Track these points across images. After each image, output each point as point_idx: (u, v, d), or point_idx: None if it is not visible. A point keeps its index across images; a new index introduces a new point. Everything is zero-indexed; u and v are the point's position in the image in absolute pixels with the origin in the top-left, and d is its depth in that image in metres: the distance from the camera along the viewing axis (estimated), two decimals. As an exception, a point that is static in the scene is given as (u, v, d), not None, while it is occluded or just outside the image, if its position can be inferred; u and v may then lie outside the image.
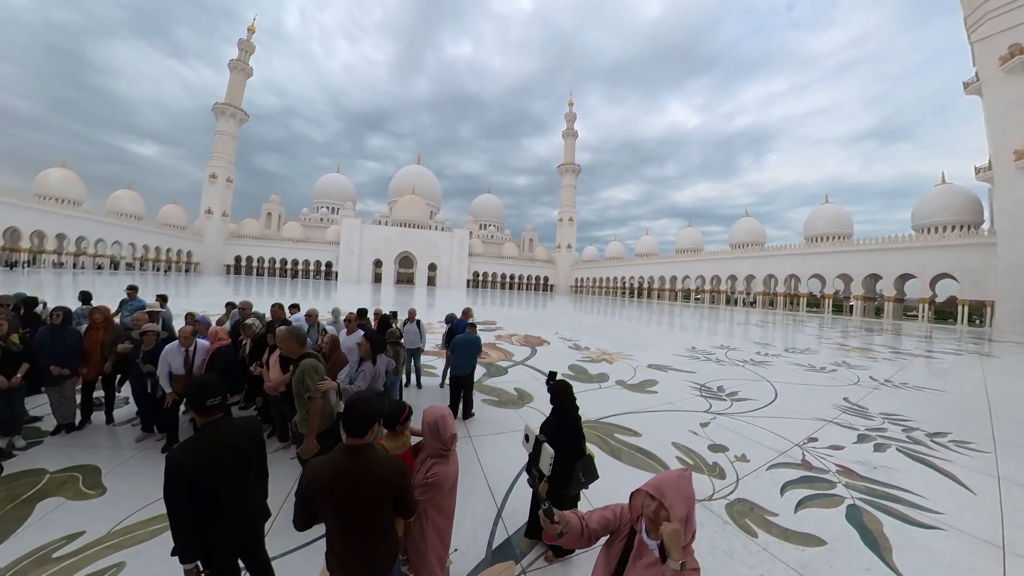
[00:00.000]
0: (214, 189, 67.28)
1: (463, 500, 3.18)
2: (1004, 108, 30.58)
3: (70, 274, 39.26)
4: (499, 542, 2.88)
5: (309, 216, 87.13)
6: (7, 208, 41.14)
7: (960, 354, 15.39)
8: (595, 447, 4.37)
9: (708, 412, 5.95)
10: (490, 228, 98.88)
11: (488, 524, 3.07)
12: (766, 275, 48.92)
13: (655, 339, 15.36)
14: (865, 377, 9.43)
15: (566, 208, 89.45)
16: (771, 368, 9.86)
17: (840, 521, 3.17)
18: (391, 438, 2.36)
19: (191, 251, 64.79)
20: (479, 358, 5.99)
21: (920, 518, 3.28)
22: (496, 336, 13.06)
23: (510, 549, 2.80)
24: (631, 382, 7.68)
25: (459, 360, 5.36)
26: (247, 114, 72.72)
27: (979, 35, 32.29)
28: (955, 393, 8.38)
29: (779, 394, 7.29)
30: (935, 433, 5.54)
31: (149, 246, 57.47)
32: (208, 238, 66.77)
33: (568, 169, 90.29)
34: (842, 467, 4.20)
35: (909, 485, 3.87)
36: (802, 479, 3.87)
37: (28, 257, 43.65)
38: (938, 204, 40.61)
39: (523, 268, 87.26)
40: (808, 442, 4.91)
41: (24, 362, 4.19)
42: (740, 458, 4.29)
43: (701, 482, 3.70)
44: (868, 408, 6.67)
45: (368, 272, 71.32)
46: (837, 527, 3.08)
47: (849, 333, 21.98)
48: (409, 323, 6.65)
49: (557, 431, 2.70)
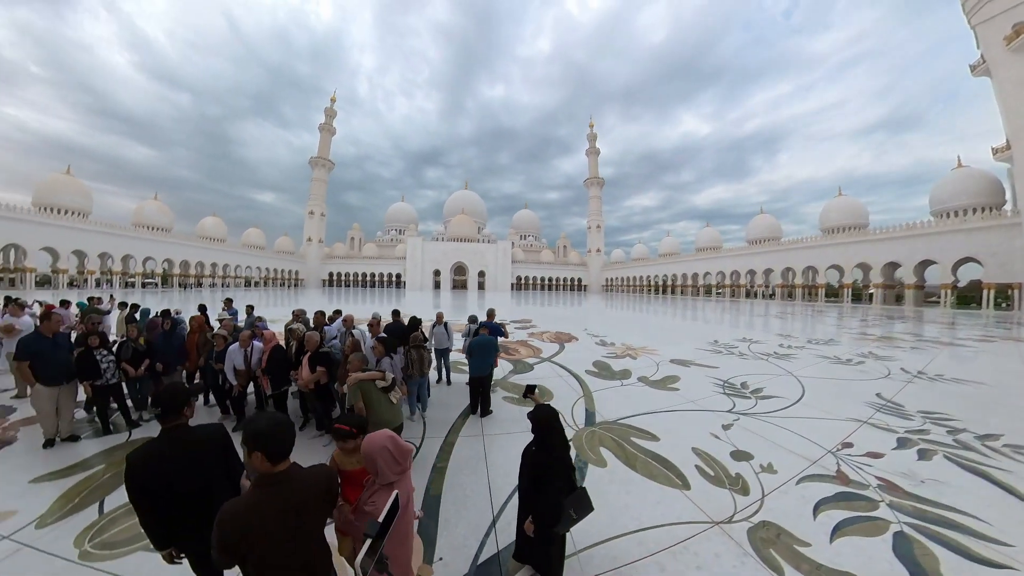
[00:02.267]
0: (312, 222, 73.85)
1: (460, 503, 2.97)
2: (1015, 87, 26.59)
3: (220, 291, 44.39)
4: (487, 556, 2.39)
5: (382, 238, 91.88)
6: (184, 248, 51.69)
7: (992, 340, 12.58)
8: (609, 453, 3.82)
9: (731, 412, 5.09)
10: (529, 238, 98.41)
11: (480, 535, 2.59)
12: (784, 268, 44.04)
13: (679, 333, 14.08)
14: (896, 369, 7.84)
15: (594, 217, 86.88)
16: (795, 361, 8.53)
17: (886, 554, 2.38)
18: (345, 454, 2.03)
19: (297, 270, 71.57)
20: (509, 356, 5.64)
21: (985, 552, 2.41)
22: (529, 333, 12.61)
23: (496, 567, 2.31)
24: (653, 378, 6.90)
25: (477, 361, 5.02)
26: (333, 163, 79.79)
27: (979, 18, 28.34)
28: (998, 386, 6.69)
29: (806, 390, 6.18)
30: (986, 435, 4.33)
31: (270, 268, 65.25)
32: (309, 260, 73.19)
33: (593, 183, 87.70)
34: (883, 480, 3.30)
35: (965, 505, 2.93)
36: (838, 496, 3.04)
37: (193, 280, 53.46)
38: (956, 188, 34.77)
39: (559, 271, 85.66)
40: (842, 448, 3.98)
41: (146, 358, 4.80)
42: (766, 468, 3.50)
43: (722, 499, 3.03)
44: (904, 405, 5.43)
45: (429, 280, 73.97)
46: (883, 563, 2.31)
47: (870, 322, 18.91)
48: (437, 326, 6.37)
49: (541, 463, 2.12)
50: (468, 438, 4.27)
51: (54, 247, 36.70)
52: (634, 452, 3.85)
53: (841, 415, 4.99)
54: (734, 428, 4.51)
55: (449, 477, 3.39)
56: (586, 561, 2.36)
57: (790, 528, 2.64)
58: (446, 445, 4.08)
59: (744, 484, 3.24)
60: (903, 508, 2.90)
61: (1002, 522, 2.73)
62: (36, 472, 3.37)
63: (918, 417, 4.94)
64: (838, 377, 7.13)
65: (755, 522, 2.71)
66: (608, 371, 7.46)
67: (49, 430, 3.92)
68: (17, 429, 4.33)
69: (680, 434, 4.30)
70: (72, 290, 36.48)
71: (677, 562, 2.34)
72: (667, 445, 4.00)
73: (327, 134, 78.15)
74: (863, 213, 45.16)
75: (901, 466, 3.59)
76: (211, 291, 44.90)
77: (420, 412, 4.97)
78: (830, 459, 3.73)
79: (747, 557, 2.37)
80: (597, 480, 3.33)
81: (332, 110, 79.36)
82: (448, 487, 3.22)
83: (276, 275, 66.56)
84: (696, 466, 3.55)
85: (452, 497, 3.07)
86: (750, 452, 3.84)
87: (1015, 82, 26.75)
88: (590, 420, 4.77)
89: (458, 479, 3.36)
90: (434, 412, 5.09)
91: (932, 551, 2.43)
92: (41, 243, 35.68)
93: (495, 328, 6.08)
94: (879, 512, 2.84)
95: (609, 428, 4.46)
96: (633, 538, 2.57)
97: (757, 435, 4.30)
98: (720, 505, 2.93)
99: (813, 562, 2.32)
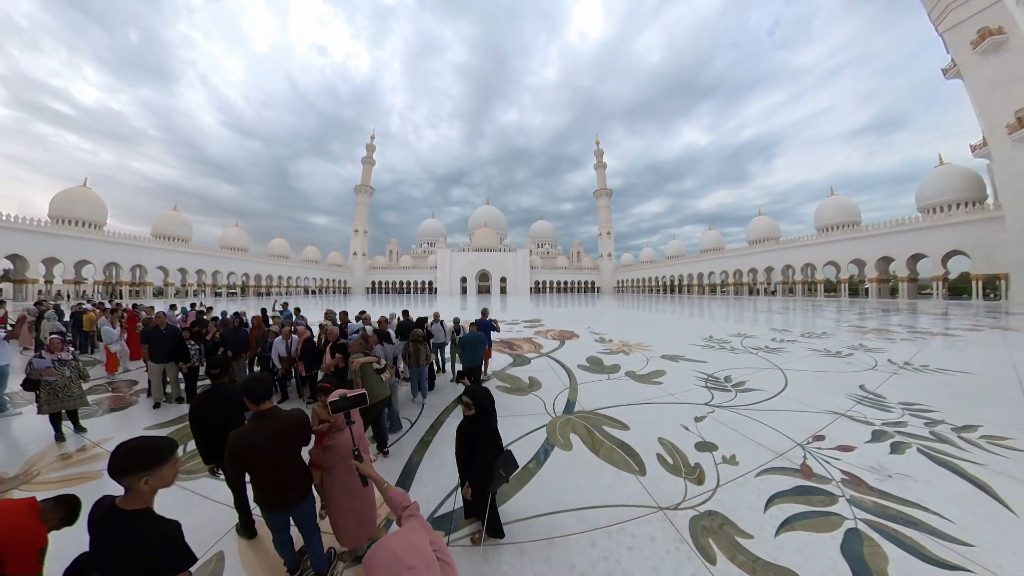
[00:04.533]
0: (357, 239, 77.52)
1: (434, 470, 3.12)
2: (986, 87, 25.57)
3: (285, 298, 47.46)
4: (443, 512, 2.53)
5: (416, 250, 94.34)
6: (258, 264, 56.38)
7: (980, 329, 11.27)
8: (578, 439, 3.66)
9: (708, 405, 4.74)
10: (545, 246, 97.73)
11: (443, 495, 2.73)
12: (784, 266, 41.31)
13: (677, 330, 13.39)
14: (883, 360, 7.07)
15: (604, 224, 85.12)
16: (785, 355, 7.87)
17: (832, 552, 2.11)
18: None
19: (345, 280, 75.25)
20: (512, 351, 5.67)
21: (941, 552, 2.08)
22: (535, 331, 12.45)
23: (448, 521, 2.44)
24: (640, 372, 6.58)
25: (469, 354, 5.05)
26: (373, 189, 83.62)
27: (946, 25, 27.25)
28: (982, 375, 5.92)
29: (789, 383, 5.68)
30: (964, 427, 3.81)
31: (324, 278, 69.23)
32: (355, 271, 76.60)
33: (602, 194, 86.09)
34: (849, 475, 2.95)
35: (931, 501, 2.55)
36: (796, 490, 2.73)
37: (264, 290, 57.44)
38: (940, 184, 32.53)
39: (573, 275, 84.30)
40: (813, 441, 3.60)
41: (220, 347, 5.42)
42: (728, 460, 3.22)
43: (674, 487, 2.82)
44: (886, 397, 4.87)
45: (457, 286, 75.21)
46: (826, 561, 2.04)
47: (865, 315, 17.26)
48: (435, 323, 6.46)
49: (474, 434, 2.20)
50: (456, 418, 4.31)
51: (165, 266, 42.67)
52: (601, 439, 3.67)
53: (820, 408, 4.53)
54: (706, 420, 4.20)
55: (431, 448, 3.57)
56: (522, 529, 2.31)
57: (736, 519, 2.40)
58: (436, 423, 4.22)
59: (701, 474, 3.00)
60: (863, 504, 2.57)
61: (966, 520, 2.36)
62: (148, 423, 4.42)
63: (898, 409, 4.41)
64: (824, 370, 6.51)
65: (702, 511, 2.49)
66: (599, 366, 7.20)
67: (157, 396, 5.08)
68: (138, 396, 5.49)
69: (651, 425, 4.06)
70: (177, 298, 40.42)
71: (610, 540, 2.21)
72: (635, 434, 3.79)
73: (368, 165, 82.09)
74: (855, 211, 42.37)
75: (871, 460, 3.19)
76: (278, 298, 48.11)
77: (421, 397, 5.07)
78: (797, 452, 3.38)
79: (682, 544, 2.18)
80: (558, 462, 3.22)
81: (371, 145, 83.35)
82: (428, 456, 3.42)
83: (329, 284, 70.43)
84: (657, 455, 3.33)
85: (429, 464, 3.25)
86: (716, 444, 3.56)
87: (985, 83, 25.97)
88: (569, 409, 4.61)
89: (438, 450, 3.51)
90: (434, 398, 5.21)
91: (883, 550, 2.13)
92: (157, 263, 41.84)
93: (487, 325, 6.05)
94: (836, 508, 2.53)
95: (585, 417, 4.29)
96: (575, 514, 2.46)
97: (728, 427, 3.98)
98: (670, 492, 2.72)
99: (751, 555, 2.09)
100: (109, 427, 4.26)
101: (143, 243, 40.62)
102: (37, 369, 3.82)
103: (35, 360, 3.88)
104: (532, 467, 3.16)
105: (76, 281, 34.92)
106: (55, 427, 3.85)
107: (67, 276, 33.68)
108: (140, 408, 4.95)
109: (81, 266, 35.47)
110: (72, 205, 38.07)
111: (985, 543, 2.15)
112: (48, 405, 3.77)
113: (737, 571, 1.97)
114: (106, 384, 6.13)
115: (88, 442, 3.80)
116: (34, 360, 3.89)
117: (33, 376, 3.82)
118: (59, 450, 3.62)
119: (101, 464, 3.31)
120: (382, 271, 79.78)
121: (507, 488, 2.80)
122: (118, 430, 4.16)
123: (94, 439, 3.87)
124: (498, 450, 2.21)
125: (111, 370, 6.79)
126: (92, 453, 3.56)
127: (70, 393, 3.90)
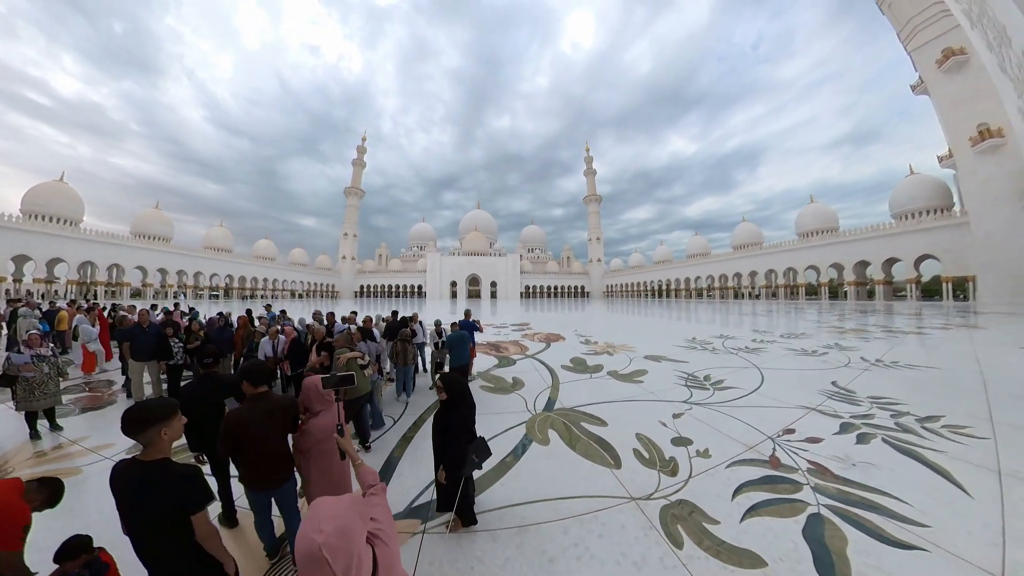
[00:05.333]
0: (346, 242, 76.18)
1: (414, 464, 3.13)
2: (950, 103, 27.68)
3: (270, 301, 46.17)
4: (421, 502, 2.56)
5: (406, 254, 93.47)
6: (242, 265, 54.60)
7: (948, 328, 11.92)
8: (556, 434, 3.67)
9: (686, 402, 4.83)
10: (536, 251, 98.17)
11: (422, 487, 2.75)
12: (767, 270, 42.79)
13: (662, 332, 13.60)
14: (856, 358, 7.33)
15: (593, 230, 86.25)
16: (764, 355, 8.08)
17: (795, 536, 2.16)
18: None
19: (334, 283, 73.62)
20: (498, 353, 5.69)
21: (899, 534, 2.16)
22: (522, 334, 12.45)
23: (425, 511, 2.46)
24: (622, 372, 6.64)
25: (456, 353, 5.06)
26: (364, 191, 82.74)
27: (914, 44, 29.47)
28: (947, 369, 6.23)
29: (765, 381, 5.82)
30: (927, 417, 3.97)
31: (311, 282, 67.47)
32: (344, 274, 75.22)
33: (592, 200, 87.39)
34: (815, 464, 3.03)
35: (892, 486, 2.65)
36: (764, 479, 2.80)
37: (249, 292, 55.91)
38: (911, 193, 34.90)
39: (563, 280, 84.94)
40: (783, 434, 3.69)
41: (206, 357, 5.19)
42: (702, 453, 3.27)
43: (648, 478, 2.85)
44: (856, 392, 5.04)
45: (447, 290, 74.58)
46: (788, 544, 2.09)
47: (845, 316, 17.96)
48: (413, 324, 6.46)
49: (449, 420, 2.26)
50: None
51: (144, 266, 40.77)
52: (579, 434, 3.69)
53: (792, 403, 4.66)
54: (684, 417, 4.26)
55: (413, 443, 3.61)
56: (496, 518, 2.33)
57: (705, 507, 2.44)
58: (419, 421, 4.21)
59: (675, 466, 3.03)
60: (826, 491, 2.64)
61: (924, 503, 2.45)
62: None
63: (866, 402, 4.57)
64: (800, 368, 6.71)
65: (673, 500, 2.52)
66: (583, 366, 7.24)
67: (138, 395, 4.91)
68: (116, 396, 5.37)
69: (629, 421, 4.10)
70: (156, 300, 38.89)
71: (582, 528, 2.23)
72: (612, 430, 3.81)
73: (358, 168, 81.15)
74: (834, 218, 44.78)
75: (837, 450, 3.29)
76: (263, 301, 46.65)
77: (406, 396, 5.07)
78: (768, 445, 3.46)
79: (651, 531, 2.20)
80: (535, 456, 3.23)
81: (363, 147, 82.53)
82: (409, 451, 3.45)
83: (316, 288, 68.75)
84: (634, 449, 3.36)
85: (409, 459, 3.27)
86: (691, 438, 3.61)
87: (950, 99, 27.94)
88: (549, 407, 4.61)
89: (419, 444, 3.54)
90: (417, 397, 5.18)
91: (844, 533, 2.19)
92: (135, 263, 39.91)
93: (469, 325, 6.04)
94: (800, 495, 2.59)
95: (564, 414, 4.30)
96: (549, 504, 2.47)
97: (704, 423, 4.05)
98: (644, 484, 2.75)
99: (716, 539, 2.13)
100: (86, 426, 4.11)
101: (122, 241, 38.87)
102: (15, 364, 3.67)
103: (13, 356, 3.75)
104: (509, 461, 3.16)
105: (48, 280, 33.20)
106: (30, 426, 3.74)
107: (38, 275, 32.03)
108: (119, 407, 4.78)
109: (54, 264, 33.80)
110: (47, 200, 36.40)
111: (941, 524, 2.23)
112: (25, 402, 3.67)
113: (702, 554, 2.00)
114: (83, 384, 5.90)
115: (65, 439, 3.71)
116: (12, 355, 3.75)
117: (10, 372, 3.67)
118: (34, 448, 3.53)
119: (78, 461, 3.21)
120: (371, 275, 78.61)
121: (483, 480, 2.81)
122: (96, 429, 4.02)
123: (71, 437, 3.76)
124: (471, 436, 2.26)
125: (88, 370, 6.53)
126: (68, 451, 3.46)
127: (47, 390, 3.80)
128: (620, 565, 1.93)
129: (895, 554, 2.00)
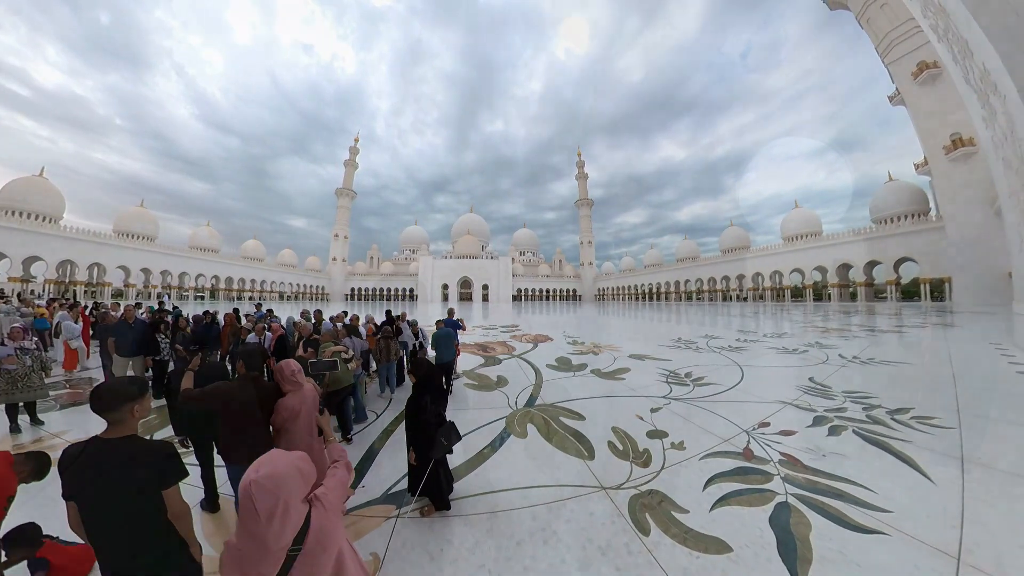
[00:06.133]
0: (337, 244, 74.99)
1: (393, 454, 3.15)
2: (926, 114, 29.05)
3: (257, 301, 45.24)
4: (397, 489, 2.60)
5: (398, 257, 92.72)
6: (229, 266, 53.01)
7: (924, 327, 12.43)
8: (534, 428, 3.63)
9: (665, 398, 4.84)
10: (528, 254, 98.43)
11: (398, 475, 2.77)
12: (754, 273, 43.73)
13: (648, 333, 13.71)
14: (834, 355, 7.50)
15: (585, 234, 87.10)
16: (746, 353, 8.20)
17: (761, 523, 2.16)
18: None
19: (324, 286, 72.09)
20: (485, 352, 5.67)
21: (861, 519, 2.18)
22: (511, 336, 12.41)
23: (400, 498, 2.50)
24: (606, 370, 6.65)
25: (442, 350, 5.07)
26: (356, 193, 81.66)
27: (891, 58, 30.76)
28: (919, 365, 6.46)
29: (745, 377, 5.89)
30: (896, 410, 4.05)
31: (301, 283, 65.79)
32: (334, 277, 73.92)
33: (584, 204, 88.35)
34: (787, 456, 3.05)
35: (859, 475, 2.68)
36: (736, 471, 2.80)
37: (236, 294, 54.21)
38: (889, 198, 36.33)
39: (555, 283, 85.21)
40: (758, 427, 3.72)
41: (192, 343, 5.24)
42: (676, 445, 3.27)
43: (620, 469, 2.83)
44: (831, 387, 5.13)
45: (439, 293, 74.01)
46: (754, 531, 2.09)
47: (828, 317, 18.50)
48: (401, 323, 6.40)
49: (420, 404, 2.34)
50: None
51: (127, 266, 39.28)
52: (556, 428, 3.66)
53: (770, 398, 4.71)
54: (662, 411, 4.27)
55: (392, 436, 3.64)
56: (469, 504, 2.36)
57: (675, 497, 2.43)
58: (400, 416, 4.15)
59: (648, 458, 3.02)
60: (795, 481, 2.65)
61: (889, 490, 2.48)
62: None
63: (840, 397, 4.65)
64: (779, 365, 6.82)
65: (643, 491, 2.50)
66: (567, 365, 7.22)
67: None
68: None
69: (607, 415, 4.09)
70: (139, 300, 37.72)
71: (550, 515, 2.24)
72: (590, 424, 3.80)
73: (351, 168, 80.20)
74: (817, 221, 46.07)
75: (809, 442, 3.33)
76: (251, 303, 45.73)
77: (389, 392, 5.09)
78: (742, 437, 3.47)
79: (619, 518, 2.19)
80: (512, 448, 3.21)
81: (355, 148, 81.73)
82: (389, 443, 3.49)
83: (306, 290, 67.29)
84: (609, 442, 3.34)
85: (389, 450, 3.31)
86: (666, 431, 3.61)
87: (925, 110, 29.34)
88: (530, 403, 4.58)
89: (400, 438, 3.49)
90: (401, 393, 5.16)
91: (808, 520, 2.19)
92: (117, 262, 38.42)
93: (453, 323, 6.00)
94: (770, 485, 2.60)
95: (544, 410, 4.26)
96: (520, 492, 2.48)
97: (681, 417, 4.06)
98: (616, 474, 2.73)
99: (684, 527, 2.11)
100: (66, 422, 4.04)
101: (104, 240, 37.35)
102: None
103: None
104: (486, 452, 3.15)
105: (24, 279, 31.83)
106: (11, 419, 3.65)
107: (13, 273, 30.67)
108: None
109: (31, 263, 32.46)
110: (25, 196, 34.95)
111: (903, 509, 2.26)
112: (6, 395, 3.58)
113: (669, 541, 1.99)
114: (64, 381, 5.69)
115: (45, 433, 3.69)
116: None
117: None
118: (13, 441, 3.45)
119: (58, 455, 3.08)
120: (362, 278, 77.58)
121: (459, 470, 2.80)
122: (76, 425, 3.95)
123: (52, 431, 3.73)
124: (440, 420, 2.32)
125: (69, 367, 6.30)
126: (49, 444, 3.39)
127: (30, 383, 3.71)
128: (585, 550, 1.92)
129: (857, 538, 2.02)
